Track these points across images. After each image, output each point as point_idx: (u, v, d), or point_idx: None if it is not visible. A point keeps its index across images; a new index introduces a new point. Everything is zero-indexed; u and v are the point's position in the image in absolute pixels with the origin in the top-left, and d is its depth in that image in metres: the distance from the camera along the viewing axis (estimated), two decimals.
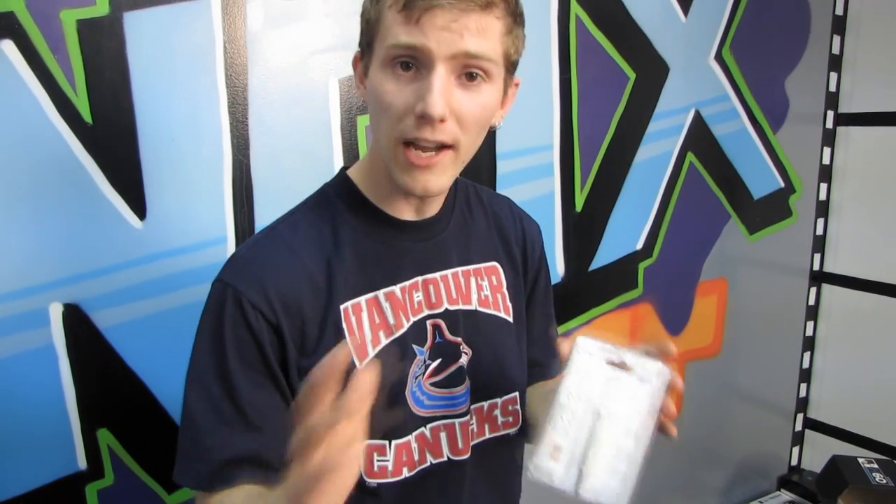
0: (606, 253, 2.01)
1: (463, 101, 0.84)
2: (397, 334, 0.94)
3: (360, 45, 0.90)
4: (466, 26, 0.80)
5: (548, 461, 0.79)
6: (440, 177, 0.88)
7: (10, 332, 1.25)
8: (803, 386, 2.60)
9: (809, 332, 2.57)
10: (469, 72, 0.83)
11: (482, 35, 0.81)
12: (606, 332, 1.13)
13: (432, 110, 0.80)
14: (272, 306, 0.87)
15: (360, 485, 0.94)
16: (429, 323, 0.98)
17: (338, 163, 1.51)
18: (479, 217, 1.07)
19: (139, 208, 1.34)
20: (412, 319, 0.96)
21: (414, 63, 0.82)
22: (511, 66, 0.91)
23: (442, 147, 0.85)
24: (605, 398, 0.80)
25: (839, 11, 2.35)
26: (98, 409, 1.35)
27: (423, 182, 0.87)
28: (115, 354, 1.35)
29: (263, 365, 0.88)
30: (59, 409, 1.31)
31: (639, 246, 2.08)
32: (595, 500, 0.78)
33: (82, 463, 1.34)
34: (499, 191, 1.75)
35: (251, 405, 0.87)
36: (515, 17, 0.87)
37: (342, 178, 0.99)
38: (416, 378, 0.96)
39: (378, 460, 0.94)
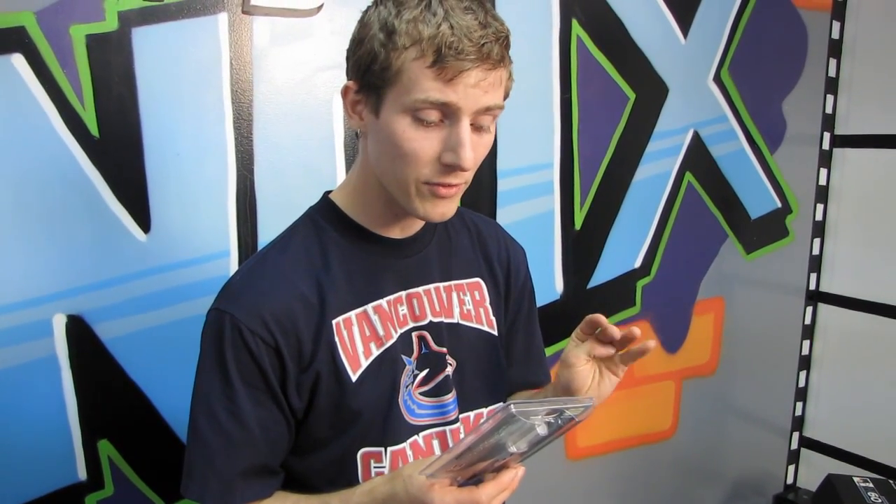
0: (605, 271, 2.03)
1: (477, 145, 0.90)
2: (387, 345, 0.98)
3: (359, 80, 0.91)
4: (490, 82, 0.86)
5: (443, 474, 0.81)
6: (454, 203, 0.95)
7: (14, 342, 1.27)
8: (799, 404, 2.61)
9: (805, 351, 2.57)
10: (480, 124, 0.89)
11: (498, 87, 0.88)
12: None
13: (466, 164, 0.87)
14: (269, 329, 0.91)
15: None
16: (414, 335, 1.01)
17: (341, 178, 1.52)
18: (462, 236, 1.11)
19: (144, 221, 1.35)
20: (399, 331, 1.00)
21: (438, 113, 0.86)
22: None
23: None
24: (519, 438, 0.79)
25: (835, 35, 2.37)
26: (99, 421, 1.36)
27: (442, 209, 0.93)
28: (117, 366, 1.36)
29: (265, 384, 0.92)
30: (61, 419, 1.32)
31: (637, 264, 2.09)
32: None
33: (82, 474, 1.35)
34: (499, 208, 1.77)
35: (255, 422, 0.92)
36: (510, 56, 0.92)
37: (327, 202, 1.02)
38: (407, 387, 1.00)
39: (375, 467, 0.98)
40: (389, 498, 0.87)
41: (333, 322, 0.95)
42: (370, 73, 0.88)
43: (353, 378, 0.95)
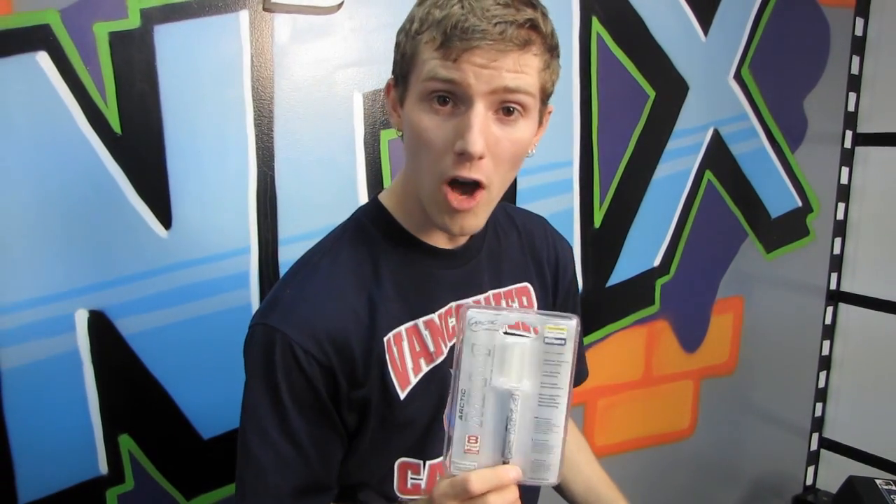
0: (624, 269, 2.02)
1: (499, 137, 0.84)
2: (438, 361, 0.95)
3: (394, 74, 0.91)
4: (505, 65, 0.80)
5: (465, 457, 0.74)
6: (477, 217, 0.89)
7: (36, 337, 1.28)
8: (819, 405, 2.59)
9: (826, 352, 2.55)
10: (507, 107, 0.83)
11: (521, 71, 0.82)
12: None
13: (472, 148, 0.80)
14: (323, 348, 0.88)
15: (390, 499, 0.97)
16: None
17: (361, 176, 1.52)
18: (512, 238, 1.08)
19: (165, 218, 1.36)
20: (449, 344, 0.97)
21: (451, 98, 0.82)
22: (546, 98, 0.91)
23: (477, 187, 0.85)
24: (512, 372, 0.74)
25: (859, 32, 2.34)
26: (120, 415, 1.37)
27: (460, 223, 0.88)
28: (138, 361, 1.36)
29: (318, 403, 0.89)
30: (83, 413, 1.33)
31: (656, 263, 2.08)
32: (527, 481, 0.74)
33: (104, 468, 1.36)
34: (518, 206, 1.77)
35: (308, 441, 0.89)
36: (552, 52, 0.87)
37: (377, 207, 0.99)
38: None
39: (412, 478, 0.96)
40: None
41: (385, 339, 0.92)
42: (397, 64, 0.88)
43: (402, 396, 0.92)
